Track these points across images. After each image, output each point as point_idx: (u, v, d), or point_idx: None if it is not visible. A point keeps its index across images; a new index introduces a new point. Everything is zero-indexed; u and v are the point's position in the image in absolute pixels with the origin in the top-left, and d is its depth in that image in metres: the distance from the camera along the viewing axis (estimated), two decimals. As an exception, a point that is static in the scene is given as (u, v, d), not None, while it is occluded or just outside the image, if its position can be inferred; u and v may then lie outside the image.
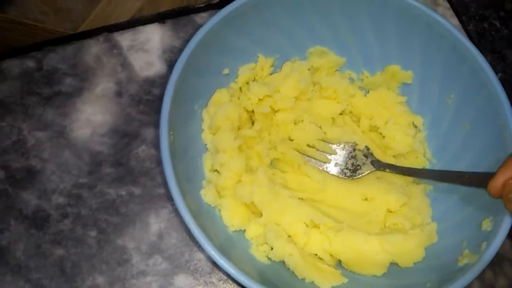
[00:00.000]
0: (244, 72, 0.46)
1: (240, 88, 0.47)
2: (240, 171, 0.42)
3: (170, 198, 0.46)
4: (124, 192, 0.47)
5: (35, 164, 0.47)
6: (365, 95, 0.49)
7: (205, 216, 0.41)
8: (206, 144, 0.44)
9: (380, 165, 0.45)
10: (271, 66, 0.48)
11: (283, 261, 0.41)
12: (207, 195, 0.42)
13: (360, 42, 0.47)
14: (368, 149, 0.46)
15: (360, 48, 0.47)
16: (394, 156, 0.47)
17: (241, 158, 0.42)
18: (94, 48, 0.51)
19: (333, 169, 0.45)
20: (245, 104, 0.45)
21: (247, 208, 0.43)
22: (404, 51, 0.46)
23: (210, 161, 0.44)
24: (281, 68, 0.48)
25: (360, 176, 0.45)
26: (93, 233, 0.46)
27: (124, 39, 0.52)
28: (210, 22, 0.41)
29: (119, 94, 0.50)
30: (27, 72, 0.50)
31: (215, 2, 0.53)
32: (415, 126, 0.48)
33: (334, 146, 0.46)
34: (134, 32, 0.52)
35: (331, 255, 0.42)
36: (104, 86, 0.50)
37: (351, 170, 0.45)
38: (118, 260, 0.45)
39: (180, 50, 0.46)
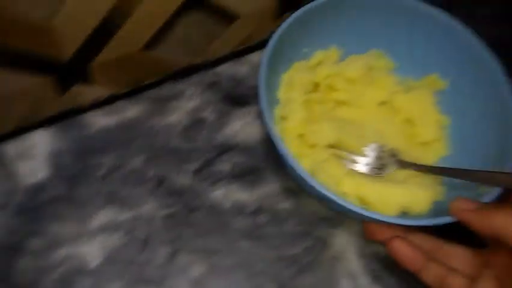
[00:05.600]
0: (318, 55, 0.55)
1: (313, 66, 0.55)
2: (303, 120, 0.50)
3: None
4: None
5: None
6: (406, 93, 0.55)
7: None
8: (279, 99, 0.51)
9: (403, 164, 0.50)
10: (338, 57, 0.56)
11: None
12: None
13: (411, 53, 0.55)
14: (394, 150, 0.51)
15: (410, 56, 0.55)
16: (421, 144, 0.53)
17: (305, 110, 0.50)
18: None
19: (362, 168, 0.50)
20: (314, 78, 0.53)
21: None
22: (443, 62, 0.54)
23: (279, 111, 0.51)
24: (345, 60, 0.56)
25: (386, 173, 0.50)
26: None
27: (9, 148, 0.51)
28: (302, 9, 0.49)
29: (3, 206, 0.47)
30: None
31: (101, 100, 0.53)
32: (442, 122, 0.54)
33: (364, 148, 0.51)
34: (20, 139, 0.51)
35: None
36: (-15, 201, 0.47)
37: (378, 168, 0.50)
38: None
39: (68, 152, 0.47)
